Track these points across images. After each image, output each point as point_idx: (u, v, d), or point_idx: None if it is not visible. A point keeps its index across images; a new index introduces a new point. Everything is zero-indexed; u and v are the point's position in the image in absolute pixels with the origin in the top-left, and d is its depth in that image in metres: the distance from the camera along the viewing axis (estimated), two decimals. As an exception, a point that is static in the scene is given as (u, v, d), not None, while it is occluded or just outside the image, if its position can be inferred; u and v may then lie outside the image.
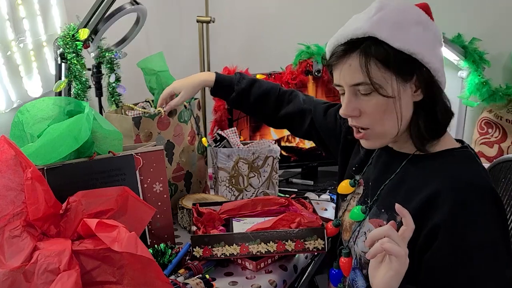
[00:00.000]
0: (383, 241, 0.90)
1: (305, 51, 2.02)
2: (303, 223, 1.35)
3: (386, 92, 1.01)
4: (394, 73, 1.01)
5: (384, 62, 1.00)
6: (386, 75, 1.01)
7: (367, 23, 1.00)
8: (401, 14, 1.02)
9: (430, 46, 1.02)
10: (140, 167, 1.36)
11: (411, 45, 0.99)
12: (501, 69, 2.02)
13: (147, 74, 1.74)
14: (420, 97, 1.05)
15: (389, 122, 1.05)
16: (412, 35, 1.00)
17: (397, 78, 1.01)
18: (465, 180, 1.00)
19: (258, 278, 1.31)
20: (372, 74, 1.00)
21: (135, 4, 1.68)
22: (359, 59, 1.01)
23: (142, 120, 1.57)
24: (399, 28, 1.00)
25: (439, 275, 0.98)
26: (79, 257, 1.03)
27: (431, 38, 1.03)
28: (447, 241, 0.97)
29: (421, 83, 1.03)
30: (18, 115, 1.28)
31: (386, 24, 1.00)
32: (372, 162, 1.21)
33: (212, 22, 2.09)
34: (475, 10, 2.02)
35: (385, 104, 1.03)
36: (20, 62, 1.65)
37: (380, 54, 1.00)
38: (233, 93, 1.51)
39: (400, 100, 1.02)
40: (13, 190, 1.08)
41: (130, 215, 1.16)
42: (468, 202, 0.97)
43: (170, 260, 1.32)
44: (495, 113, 1.99)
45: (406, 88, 1.03)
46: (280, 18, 2.31)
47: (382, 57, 1.00)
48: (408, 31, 1.00)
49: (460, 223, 0.97)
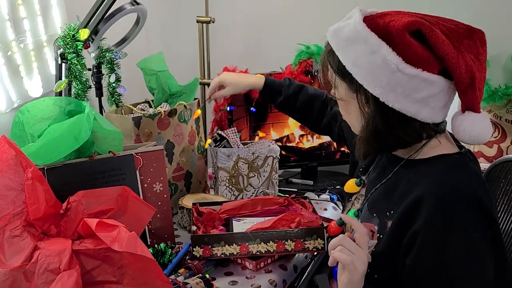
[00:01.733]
0: (334, 250, 0.96)
1: (304, 51, 2.03)
2: (303, 223, 1.36)
3: (337, 93, 1.06)
4: (342, 80, 1.04)
5: (332, 66, 1.04)
6: (336, 79, 1.05)
7: (330, 30, 1.03)
8: (355, 30, 0.98)
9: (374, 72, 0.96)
10: (140, 167, 1.36)
11: (348, 63, 0.99)
12: (501, 69, 2.02)
13: (147, 74, 1.74)
14: (368, 112, 1.02)
15: (353, 122, 1.09)
16: (356, 53, 0.97)
17: (346, 85, 1.03)
18: (449, 186, 0.97)
19: (258, 278, 1.31)
20: (327, 75, 1.06)
21: (135, 4, 1.68)
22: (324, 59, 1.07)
23: (142, 120, 1.58)
24: (346, 43, 0.99)
25: (418, 283, 0.98)
26: (79, 256, 1.03)
27: (377, 64, 0.96)
28: (424, 247, 0.96)
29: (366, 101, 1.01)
30: (19, 115, 1.28)
31: (339, 35, 1.00)
32: (375, 164, 1.21)
33: (212, 22, 2.09)
34: (474, 11, 2.02)
35: (340, 105, 1.09)
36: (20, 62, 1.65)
37: (330, 59, 1.04)
38: (280, 97, 1.55)
39: (349, 104, 1.05)
40: (14, 190, 1.08)
41: (130, 215, 1.16)
42: (448, 208, 0.95)
43: (170, 260, 1.32)
44: (494, 113, 1.99)
45: (354, 97, 1.03)
46: (280, 18, 2.31)
47: (331, 62, 1.04)
48: (354, 49, 0.98)
49: (438, 229, 0.95)
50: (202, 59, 2.15)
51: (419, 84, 0.95)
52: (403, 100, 0.96)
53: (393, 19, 0.97)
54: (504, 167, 1.46)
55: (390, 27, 0.95)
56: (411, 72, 0.94)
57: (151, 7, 1.83)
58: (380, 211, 1.08)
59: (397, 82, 0.95)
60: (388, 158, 1.14)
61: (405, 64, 0.93)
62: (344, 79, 1.02)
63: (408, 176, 1.06)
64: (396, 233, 1.01)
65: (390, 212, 1.05)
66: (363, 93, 1.00)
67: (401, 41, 0.94)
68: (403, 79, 0.94)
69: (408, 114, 0.97)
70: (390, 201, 1.06)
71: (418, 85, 0.95)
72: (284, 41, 2.16)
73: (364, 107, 1.01)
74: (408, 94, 0.95)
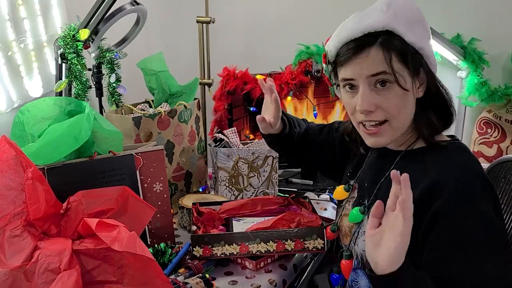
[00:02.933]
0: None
1: (304, 51, 2.03)
2: (303, 222, 1.36)
3: (404, 84, 1.03)
4: (407, 67, 1.03)
5: (402, 55, 1.02)
6: (403, 68, 1.03)
7: (386, 17, 1.02)
8: (410, 11, 1.04)
9: (428, 44, 1.06)
10: (140, 167, 1.36)
11: (420, 41, 1.03)
12: (500, 69, 2.02)
13: (147, 74, 1.74)
14: (422, 93, 1.08)
15: (404, 115, 1.07)
16: (419, 31, 1.04)
17: (410, 72, 1.03)
18: (463, 167, 1.03)
19: (258, 278, 1.31)
20: (394, 66, 1.02)
21: (135, 5, 1.69)
22: (382, 51, 1.02)
23: (142, 120, 1.58)
24: (410, 24, 1.03)
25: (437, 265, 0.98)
26: (79, 256, 1.03)
27: (428, 36, 1.07)
28: (445, 229, 0.98)
29: (427, 77, 1.06)
30: (19, 115, 1.28)
31: (401, 19, 1.03)
32: (366, 165, 1.22)
33: (212, 22, 2.09)
34: (474, 10, 2.02)
35: (402, 98, 1.04)
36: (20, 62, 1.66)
37: (398, 47, 1.02)
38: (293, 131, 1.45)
39: (413, 94, 1.06)
40: (14, 190, 1.08)
41: (130, 215, 1.16)
42: (467, 188, 0.99)
43: (170, 260, 1.32)
44: (494, 113, 1.99)
45: (415, 83, 1.06)
46: (280, 18, 2.31)
47: (400, 50, 1.02)
48: (417, 27, 1.04)
49: (458, 214, 0.98)
50: (202, 59, 2.15)
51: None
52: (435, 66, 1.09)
53: None
54: (504, 167, 1.46)
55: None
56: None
57: (151, 7, 1.83)
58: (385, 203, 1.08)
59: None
60: (382, 155, 1.16)
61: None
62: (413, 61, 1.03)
63: (412, 165, 1.08)
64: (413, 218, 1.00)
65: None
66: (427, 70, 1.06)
67: None
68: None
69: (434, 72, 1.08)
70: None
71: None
72: (284, 41, 2.16)
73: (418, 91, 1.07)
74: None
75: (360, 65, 1.03)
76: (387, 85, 1.03)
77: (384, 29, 1.02)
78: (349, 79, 1.06)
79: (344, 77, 1.07)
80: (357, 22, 1.04)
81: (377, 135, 1.08)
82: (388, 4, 1.03)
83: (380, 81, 1.03)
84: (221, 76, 1.98)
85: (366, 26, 1.02)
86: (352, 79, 1.06)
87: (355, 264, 1.16)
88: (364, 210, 1.14)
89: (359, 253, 1.15)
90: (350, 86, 1.08)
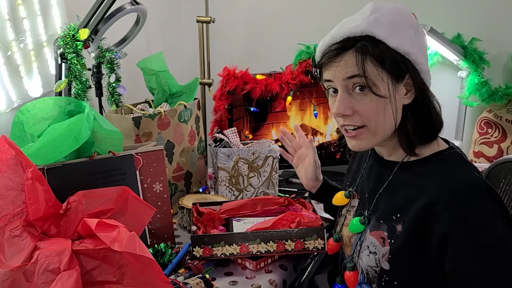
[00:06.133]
0: None
1: (305, 51, 2.02)
2: (303, 222, 1.35)
3: (379, 91, 1.02)
4: (388, 73, 1.02)
5: (379, 60, 1.01)
6: (381, 74, 1.02)
7: (365, 22, 1.02)
8: (395, 15, 1.03)
9: (421, 49, 1.05)
10: (140, 167, 1.36)
11: (405, 45, 1.02)
12: (501, 69, 2.02)
13: (147, 74, 1.74)
14: (410, 100, 1.06)
15: (382, 122, 1.05)
16: (406, 36, 1.03)
17: (391, 78, 1.02)
18: (460, 182, 1.00)
19: (258, 278, 1.31)
20: (367, 70, 1.01)
21: (135, 4, 1.68)
22: (355, 55, 1.02)
23: (142, 120, 1.58)
24: (394, 28, 1.02)
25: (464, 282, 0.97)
26: (79, 256, 1.03)
27: (421, 42, 1.06)
28: (460, 248, 0.96)
29: (414, 83, 1.05)
30: (19, 115, 1.28)
31: (382, 24, 1.02)
32: (364, 173, 1.22)
33: (212, 22, 2.09)
34: (475, 10, 2.02)
35: (378, 103, 1.03)
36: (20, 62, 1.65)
37: (376, 52, 1.01)
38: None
39: (394, 100, 1.04)
40: (14, 190, 1.08)
41: (130, 215, 1.16)
42: (469, 205, 0.97)
43: (170, 260, 1.32)
44: (494, 113, 1.99)
45: (398, 89, 1.04)
46: (280, 18, 2.31)
47: (378, 55, 1.01)
48: (403, 32, 1.02)
49: (467, 229, 0.96)
50: (202, 59, 2.15)
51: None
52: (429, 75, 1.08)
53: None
54: (504, 167, 1.46)
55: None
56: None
57: (151, 7, 1.83)
58: (386, 217, 1.09)
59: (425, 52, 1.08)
60: (381, 164, 1.16)
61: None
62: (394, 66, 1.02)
63: (409, 179, 1.07)
64: (413, 235, 1.01)
65: (397, 215, 1.05)
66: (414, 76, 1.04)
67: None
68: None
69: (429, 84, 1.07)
70: (394, 205, 1.07)
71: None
72: (284, 41, 2.15)
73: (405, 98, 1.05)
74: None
75: (336, 68, 1.04)
76: (365, 90, 1.03)
77: (363, 34, 1.02)
78: (328, 80, 1.08)
79: (325, 79, 1.09)
80: (339, 27, 1.06)
81: (357, 138, 1.08)
82: (373, 9, 1.04)
83: (358, 86, 1.03)
84: (221, 76, 1.98)
85: (346, 31, 1.03)
86: (331, 81, 1.07)
87: (361, 279, 1.15)
88: (364, 221, 1.14)
89: (364, 268, 1.14)
90: (333, 90, 1.09)
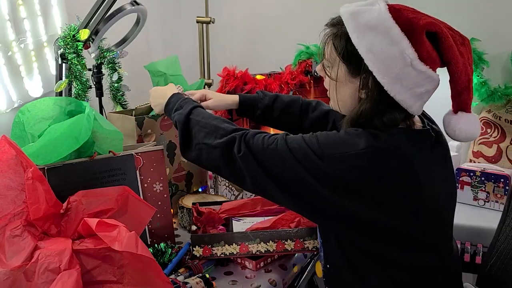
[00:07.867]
0: None
1: (304, 51, 2.03)
2: (303, 222, 1.36)
3: (329, 73, 1.10)
4: (344, 63, 1.06)
5: (336, 48, 1.07)
6: (337, 59, 1.07)
7: (349, 8, 1.05)
8: (379, 18, 1.01)
9: (387, 61, 0.99)
10: (140, 167, 1.37)
11: (362, 48, 1.01)
12: (500, 69, 2.03)
13: (155, 76, 1.73)
14: (365, 96, 1.05)
15: (335, 99, 1.12)
16: (374, 40, 1.00)
17: (346, 68, 1.06)
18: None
19: (257, 278, 1.31)
20: (327, 52, 1.09)
21: (135, 5, 1.69)
22: (325, 36, 1.10)
23: (145, 120, 1.58)
24: (367, 28, 1.01)
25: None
26: (79, 256, 1.03)
27: (393, 55, 0.99)
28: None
29: (370, 87, 1.03)
30: (19, 115, 1.28)
31: (358, 19, 1.02)
32: None
33: (212, 22, 2.10)
34: (474, 10, 2.03)
35: (331, 82, 1.11)
36: (21, 62, 1.66)
37: (337, 40, 1.06)
38: (258, 111, 1.51)
39: (343, 86, 1.08)
40: (14, 189, 1.09)
41: (130, 215, 1.16)
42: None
43: (170, 260, 1.32)
44: (494, 113, 1.99)
45: (353, 80, 1.06)
46: (279, 18, 2.31)
47: (337, 43, 1.06)
48: (373, 36, 1.00)
49: None
50: (202, 59, 2.15)
51: (423, 80, 1.01)
52: (405, 92, 1.01)
53: (415, 15, 1.02)
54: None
55: (412, 23, 1.00)
56: (421, 69, 1.00)
57: (151, 7, 1.83)
58: None
59: (406, 75, 1.00)
60: None
61: (418, 61, 0.99)
62: (348, 62, 1.05)
63: None
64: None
65: None
66: (366, 79, 1.03)
67: (419, 39, 0.99)
68: (412, 73, 1.00)
69: (404, 105, 1.02)
70: None
71: (422, 81, 1.01)
72: (284, 41, 2.16)
73: (361, 92, 1.05)
74: (411, 88, 1.01)
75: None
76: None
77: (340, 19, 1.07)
78: None
79: None
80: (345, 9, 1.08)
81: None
82: (371, 2, 1.05)
83: None
84: (221, 76, 1.98)
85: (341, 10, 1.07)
86: None
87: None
88: None
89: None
90: None
